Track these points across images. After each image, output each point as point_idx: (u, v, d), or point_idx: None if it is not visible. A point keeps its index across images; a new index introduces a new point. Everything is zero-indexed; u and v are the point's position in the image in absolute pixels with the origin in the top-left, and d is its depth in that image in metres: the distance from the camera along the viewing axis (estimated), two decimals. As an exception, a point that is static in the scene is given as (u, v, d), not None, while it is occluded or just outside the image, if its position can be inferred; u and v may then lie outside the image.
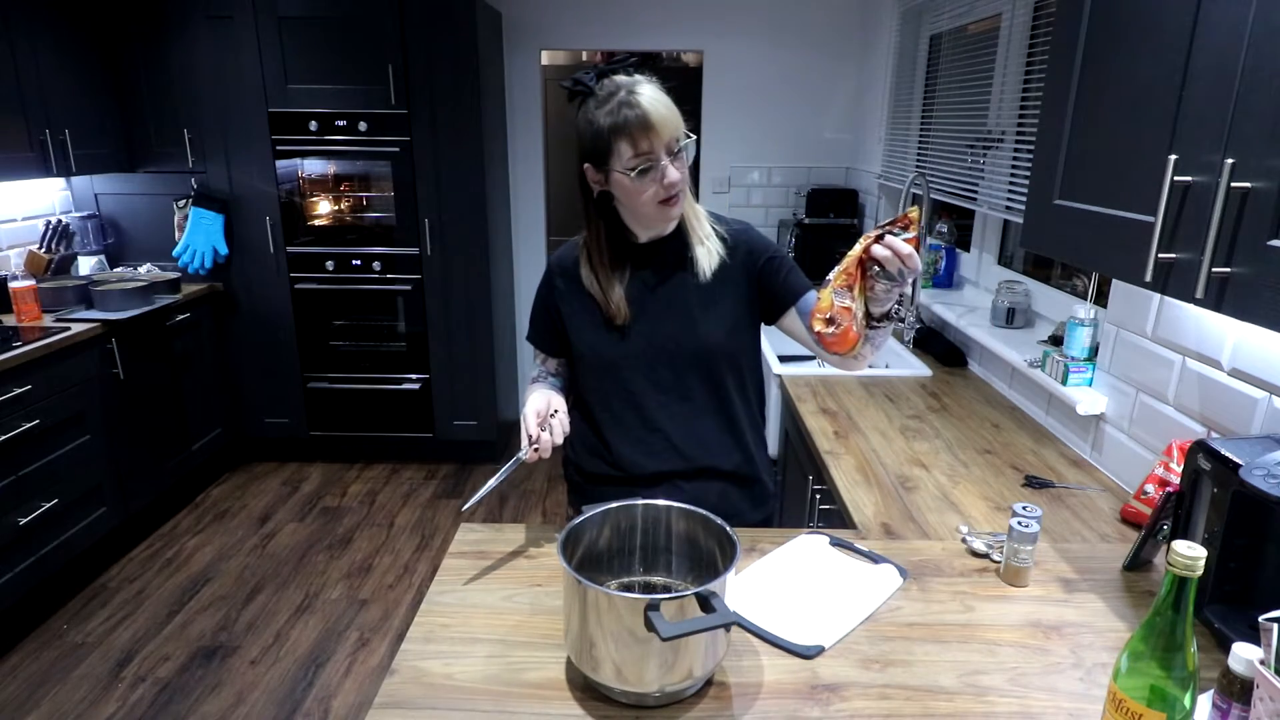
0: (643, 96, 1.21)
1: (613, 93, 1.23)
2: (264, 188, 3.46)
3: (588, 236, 1.39)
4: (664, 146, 1.23)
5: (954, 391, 2.29)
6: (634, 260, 1.38)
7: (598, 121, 1.24)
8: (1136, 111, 1.07)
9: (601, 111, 1.23)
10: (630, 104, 1.21)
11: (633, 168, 1.23)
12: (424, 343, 3.67)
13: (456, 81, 3.31)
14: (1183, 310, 1.51)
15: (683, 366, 1.37)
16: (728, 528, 1.05)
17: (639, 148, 1.22)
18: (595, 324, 1.38)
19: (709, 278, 1.36)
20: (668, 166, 1.24)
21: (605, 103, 1.23)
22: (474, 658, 1.06)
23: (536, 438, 1.29)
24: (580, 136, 1.28)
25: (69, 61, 3.04)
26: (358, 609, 2.73)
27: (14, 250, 3.20)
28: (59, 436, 2.64)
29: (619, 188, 1.28)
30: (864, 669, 1.05)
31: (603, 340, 1.38)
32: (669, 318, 1.36)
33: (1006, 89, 2.52)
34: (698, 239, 1.37)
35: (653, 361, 1.37)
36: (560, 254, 1.45)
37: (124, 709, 2.24)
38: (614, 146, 1.23)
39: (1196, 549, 0.76)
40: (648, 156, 1.23)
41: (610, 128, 1.22)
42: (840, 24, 3.92)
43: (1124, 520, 1.52)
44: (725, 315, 1.38)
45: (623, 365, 1.37)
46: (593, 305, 1.38)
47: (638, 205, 1.29)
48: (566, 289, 1.41)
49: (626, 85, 1.23)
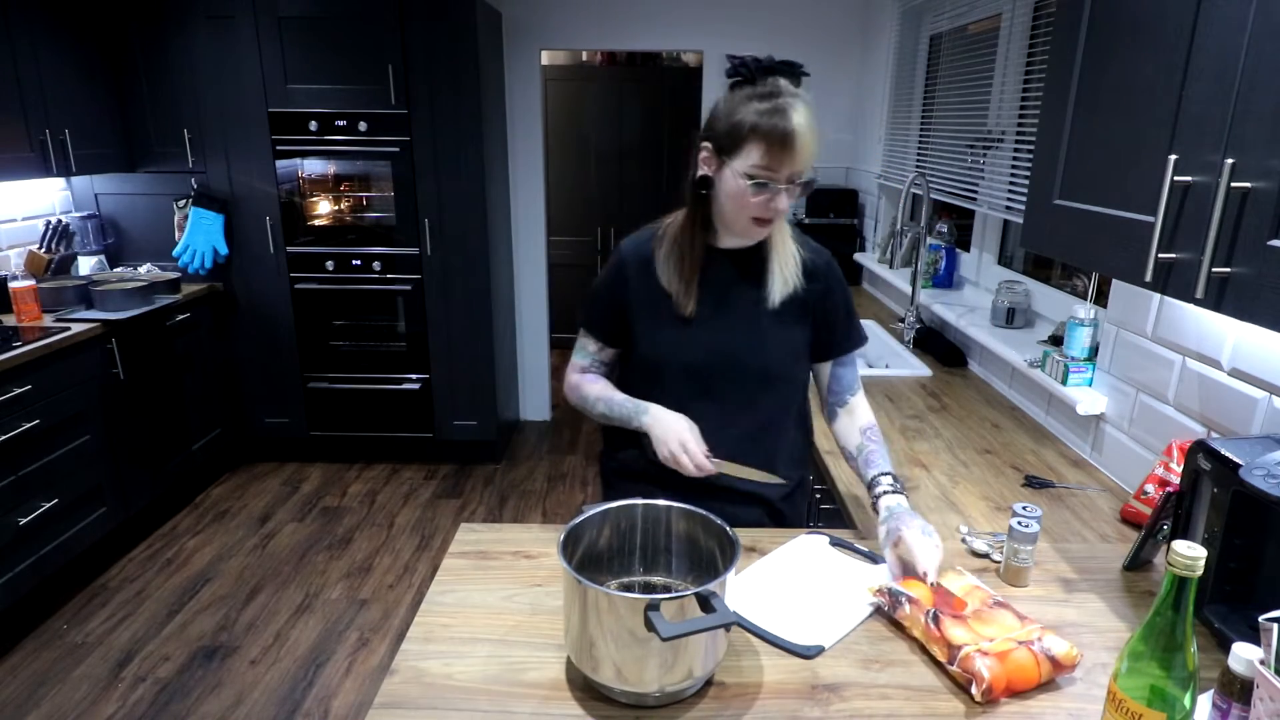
0: (797, 115, 1.16)
1: (772, 94, 1.17)
2: (264, 188, 3.46)
3: (677, 220, 1.34)
4: (789, 172, 1.19)
5: (954, 391, 2.29)
6: (711, 261, 1.33)
7: (743, 113, 1.18)
8: (1136, 112, 1.06)
9: (751, 107, 1.17)
10: (783, 114, 1.15)
11: (750, 176, 1.19)
12: (424, 343, 3.67)
13: (456, 81, 3.31)
14: (1183, 310, 1.51)
15: (740, 381, 1.34)
16: (728, 528, 1.05)
17: (768, 161, 1.17)
18: (661, 320, 1.33)
19: (780, 300, 1.32)
20: (782, 193, 1.20)
21: (760, 99, 1.17)
22: (474, 658, 1.06)
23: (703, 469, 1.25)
24: (715, 116, 1.23)
25: (69, 61, 3.04)
26: (358, 609, 2.73)
27: (14, 250, 3.20)
28: (59, 436, 2.64)
29: (725, 184, 1.23)
30: (864, 669, 1.05)
31: (666, 338, 1.33)
32: (736, 330, 1.33)
33: (1006, 89, 2.52)
34: (779, 259, 1.32)
35: (711, 370, 1.33)
36: (634, 241, 1.39)
37: (124, 709, 2.24)
38: (745, 146, 1.18)
39: (1196, 549, 0.76)
40: (770, 174, 1.18)
41: (752, 127, 1.17)
42: (840, 24, 3.92)
43: (1124, 520, 1.52)
44: (792, 341, 1.36)
45: (680, 367, 1.33)
46: (662, 300, 1.33)
47: (733, 209, 1.24)
48: (637, 279, 1.35)
49: (788, 94, 1.17)
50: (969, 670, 0.99)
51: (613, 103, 5.23)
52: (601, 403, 1.39)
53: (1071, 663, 1.01)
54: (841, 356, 1.41)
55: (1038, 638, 1.03)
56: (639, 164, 5.33)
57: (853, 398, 1.42)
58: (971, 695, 0.98)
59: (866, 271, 3.80)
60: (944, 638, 1.04)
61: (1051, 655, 1.01)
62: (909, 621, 1.11)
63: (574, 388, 1.45)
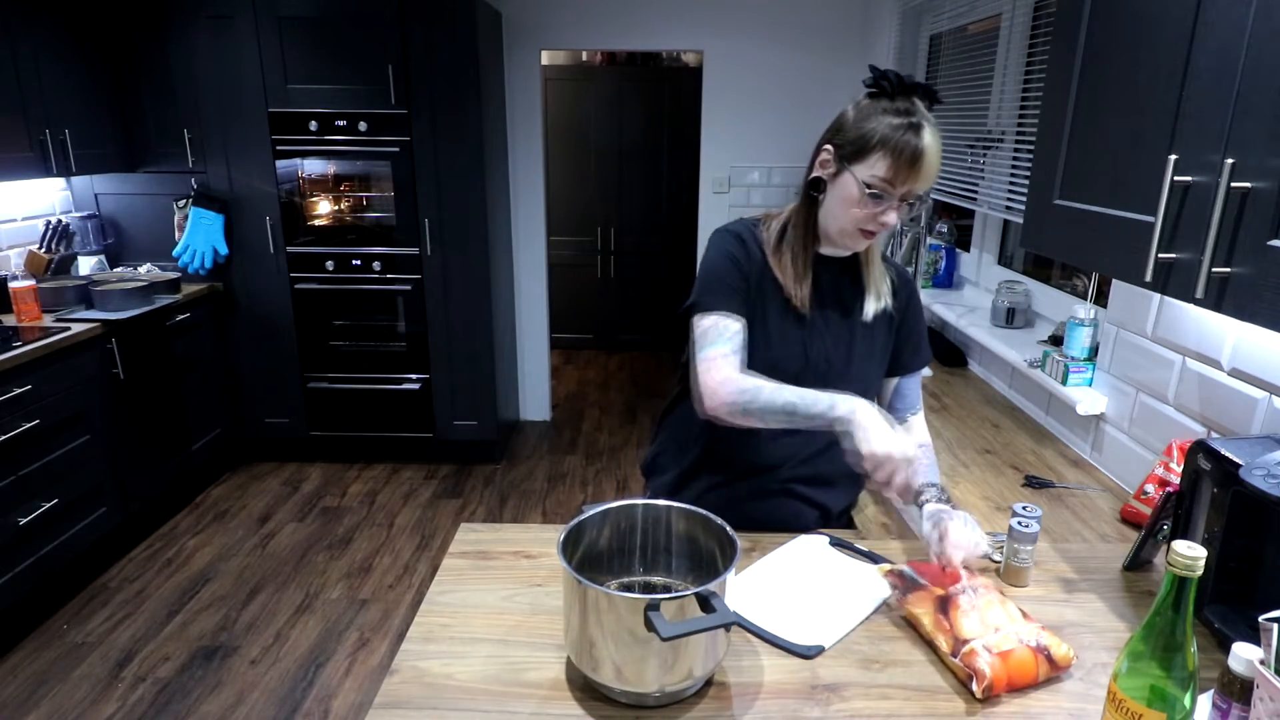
0: (927, 136, 1.18)
1: (907, 110, 1.19)
2: (264, 188, 3.46)
3: (786, 217, 1.33)
4: (906, 190, 1.20)
5: (954, 391, 2.29)
6: (815, 265, 1.33)
7: (875, 124, 1.19)
8: (1136, 111, 1.07)
9: (886, 119, 1.19)
10: (915, 132, 1.17)
11: (869, 185, 1.20)
12: (424, 343, 3.67)
13: (456, 81, 3.31)
14: (1183, 310, 1.51)
15: (828, 388, 1.29)
16: (728, 528, 1.04)
17: (890, 174, 1.18)
18: (777, 312, 1.32)
19: (873, 315, 1.34)
20: (893, 209, 1.22)
21: (895, 114, 1.19)
22: (474, 658, 1.06)
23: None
24: (844, 121, 1.24)
25: (69, 62, 3.04)
26: (358, 609, 2.73)
27: (14, 250, 3.20)
28: (59, 436, 2.64)
29: (840, 187, 1.24)
30: (864, 669, 1.05)
31: (780, 333, 1.31)
32: (829, 338, 1.33)
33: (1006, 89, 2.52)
34: (874, 274, 1.34)
35: (806, 372, 1.31)
36: (742, 225, 1.36)
37: (124, 709, 2.24)
38: (871, 155, 1.19)
39: (1196, 549, 0.76)
40: (890, 187, 1.19)
41: (882, 138, 1.18)
42: (840, 24, 3.92)
43: (1124, 520, 1.52)
44: (878, 356, 1.37)
45: (784, 365, 1.31)
46: (776, 292, 1.31)
47: (840, 213, 1.24)
48: (754, 261, 1.31)
49: (921, 116, 1.19)
50: (971, 666, 1.00)
51: (613, 103, 5.22)
52: (787, 391, 1.21)
53: (1066, 663, 1.02)
54: (911, 373, 1.43)
55: (1037, 637, 1.03)
56: (639, 164, 5.33)
57: (913, 416, 1.43)
58: (972, 691, 0.99)
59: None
60: (952, 629, 1.05)
61: (1049, 655, 1.01)
62: (918, 608, 1.12)
63: (733, 381, 1.23)
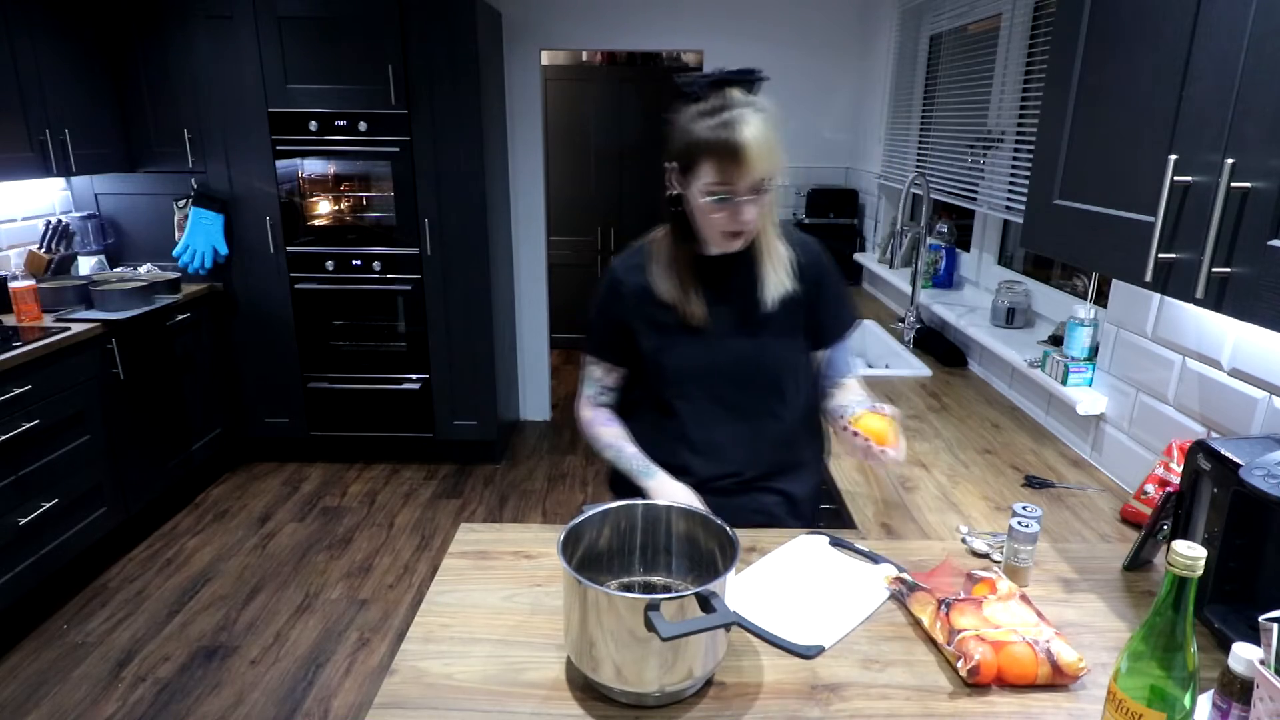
0: (746, 127, 1.13)
1: (718, 108, 1.15)
2: (264, 188, 3.46)
3: (664, 235, 1.33)
4: (749, 184, 1.17)
5: (954, 391, 2.29)
6: (704, 269, 1.32)
7: (691, 132, 1.16)
8: (1136, 111, 1.06)
9: (701, 124, 1.15)
10: (729, 127, 1.13)
11: (710, 194, 1.17)
12: (424, 343, 3.67)
13: (456, 81, 3.31)
14: (1183, 310, 1.51)
15: (752, 385, 1.35)
16: (728, 528, 1.04)
17: (722, 176, 1.15)
18: (668, 332, 1.33)
19: (776, 301, 1.32)
20: (745, 205, 1.18)
21: (706, 116, 1.15)
22: (474, 658, 1.06)
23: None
24: (671, 135, 1.22)
25: (69, 62, 3.04)
26: (358, 609, 2.73)
27: (14, 250, 3.20)
28: (59, 436, 2.64)
29: (691, 200, 1.23)
30: (864, 669, 1.05)
31: (675, 349, 1.34)
32: (736, 336, 1.33)
33: (1006, 89, 2.52)
34: (770, 261, 1.31)
35: (723, 376, 1.34)
36: (623, 261, 1.38)
37: (124, 709, 2.24)
38: (699, 165, 1.17)
39: (1196, 549, 0.76)
40: (728, 188, 1.16)
41: (700, 144, 1.15)
42: (840, 24, 3.92)
43: (1124, 520, 1.52)
44: (789, 338, 1.36)
45: (694, 376, 1.34)
46: (664, 312, 1.32)
47: (701, 222, 1.25)
48: (634, 296, 1.34)
49: (737, 105, 1.15)
50: (961, 650, 1.01)
51: (613, 103, 5.22)
52: (611, 450, 1.41)
53: (1074, 673, 1.01)
54: (835, 343, 1.42)
55: (1047, 640, 1.02)
56: (639, 164, 5.33)
57: (846, 380, 1.44)
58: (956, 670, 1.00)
59: (866, 271, 3.80)
60: (950, 624, 1.05)
61: (1055, 660, 1.01)
62: (919, 608, 1.12)
63: (587, 425, 1.45)
